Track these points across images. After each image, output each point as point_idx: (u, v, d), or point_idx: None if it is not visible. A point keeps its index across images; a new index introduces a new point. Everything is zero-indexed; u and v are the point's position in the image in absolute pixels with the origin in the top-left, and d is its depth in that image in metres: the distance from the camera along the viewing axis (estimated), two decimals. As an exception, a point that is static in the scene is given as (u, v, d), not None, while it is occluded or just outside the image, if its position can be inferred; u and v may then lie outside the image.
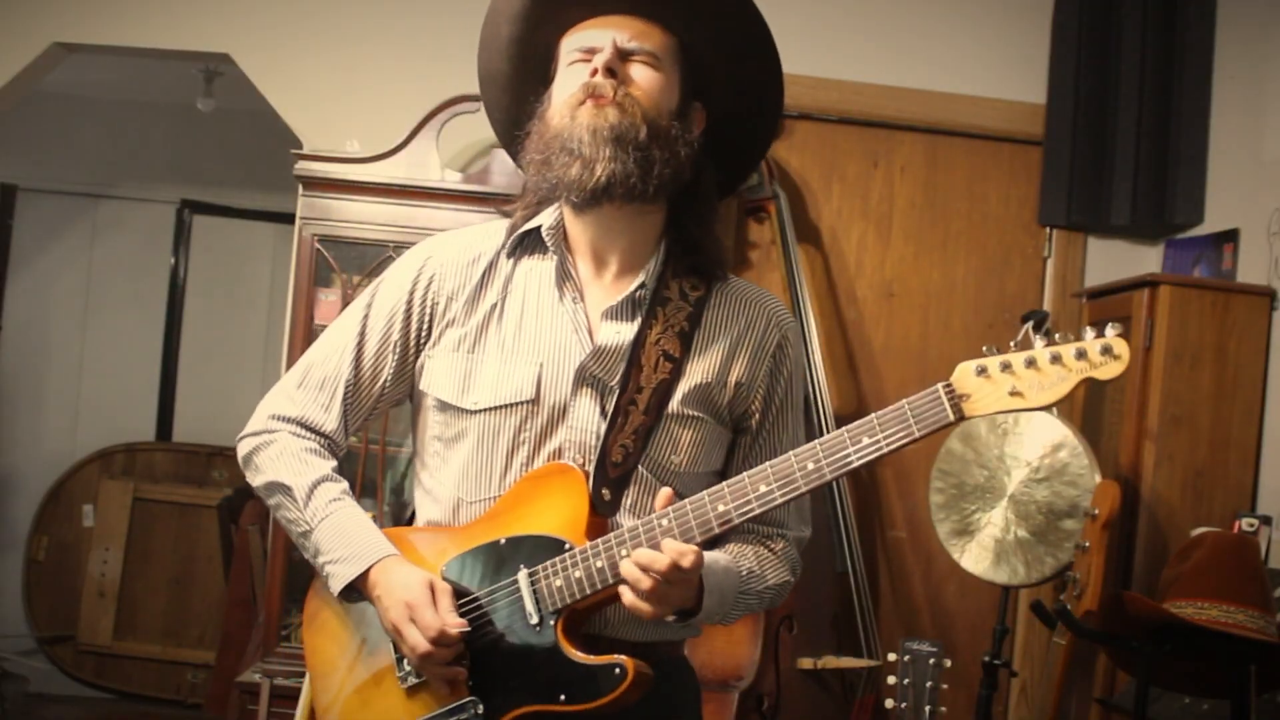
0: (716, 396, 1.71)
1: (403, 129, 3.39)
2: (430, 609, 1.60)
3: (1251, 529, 2.95)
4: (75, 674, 5.52)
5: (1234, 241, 3.38)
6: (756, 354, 1.73)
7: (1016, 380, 1.50)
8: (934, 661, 2.04)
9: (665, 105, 1.67)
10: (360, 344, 1.76)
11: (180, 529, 5.58)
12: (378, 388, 1.77)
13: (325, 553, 1.69)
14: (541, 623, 1.60)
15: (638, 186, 1.63)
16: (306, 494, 1.70)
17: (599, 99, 1.63)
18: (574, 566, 1.59)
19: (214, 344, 5.91)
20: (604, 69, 1.64)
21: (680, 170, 1.66)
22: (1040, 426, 3.05)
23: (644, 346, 1.68)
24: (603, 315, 1.70)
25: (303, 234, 3.39)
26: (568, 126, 1.64)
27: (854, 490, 3.52)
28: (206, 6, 3.77)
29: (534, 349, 1.69)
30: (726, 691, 2.94)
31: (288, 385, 1.79)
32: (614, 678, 1.55)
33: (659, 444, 1.67)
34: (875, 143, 3.78)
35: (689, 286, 1.73)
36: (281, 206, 5.06)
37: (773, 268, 3.59)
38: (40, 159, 5.84)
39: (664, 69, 1.69)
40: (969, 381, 1.51)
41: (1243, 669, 2.45)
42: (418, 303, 1.75)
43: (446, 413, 1.72)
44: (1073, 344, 1.50)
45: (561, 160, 1.64)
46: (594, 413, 1.67)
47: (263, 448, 1.75)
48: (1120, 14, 3.61)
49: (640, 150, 1.62)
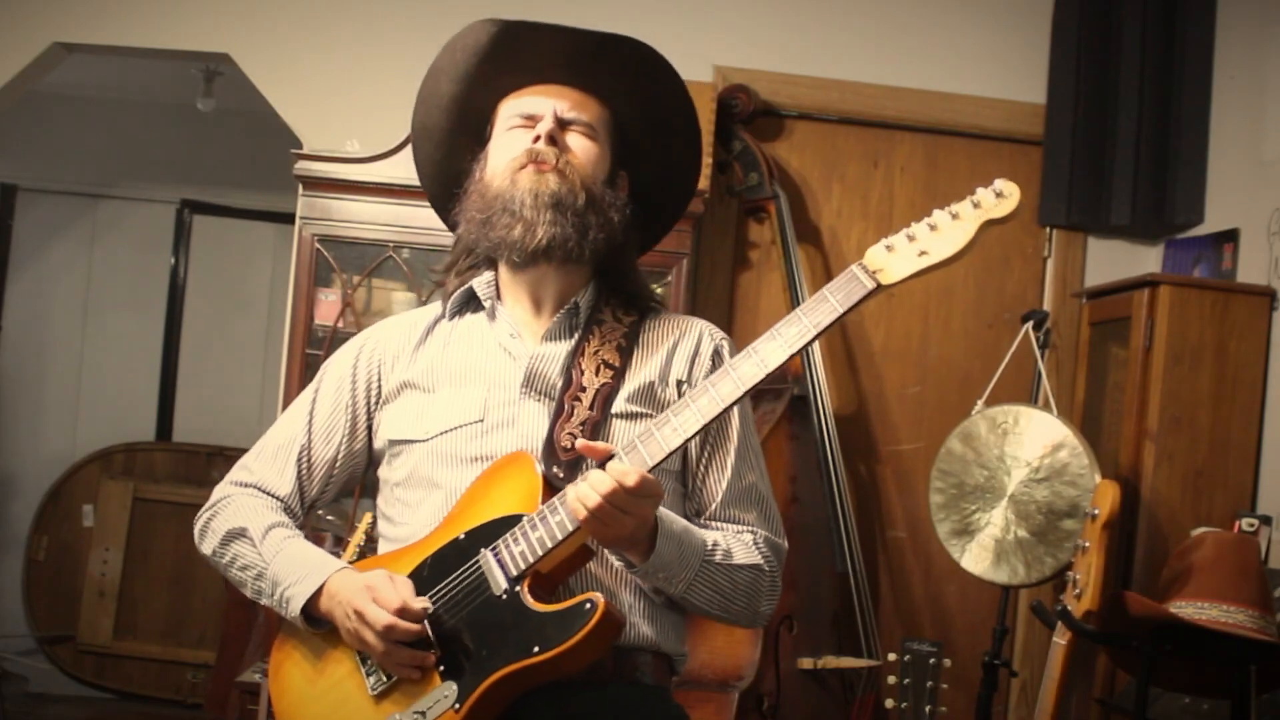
0: (660, 394, 1.75)
1: (403, 129, 3.35)
2: (389, 587, 1.61)
3: (1251, 529, 2.96)
4: (75, 674, 5.52)
5: (1234, 241, 3.38)
6: (694, 357, 1.80)
7: (921, 244, 1.59)
8: (934, 661, 2.05)
9: (599, 173, 1.77)
10: (312, 411, 1.84)
11: (180, 529, 5.56)
12: (331, 450, 1.82)
13: (283, 582, 1.71)
14: (509, 589, 1.60)
15: (574, 250, 1.72)
16: (263, 534, 1.75)
17: (541, 164, 1.73)
18: (533, 529, 1.60)
19: (214, 344, 5.90)
20: (546, 137, 1.74)
21: (613, 235, 1.76)
22: (1040, 426, 3.05)
23: (583, 355, 1.75)
24: (541, 339, 1.78)
25: (303, 234, 3.39)
26: (509, 189, 1.73)
27: (854, 490, 3.52)
28: (206, 6, 3.77)
29: (480, 378, 1.76)
30: (726, 691, 2.94)
31: (245, 460, 1.87)
32: (585, 613, 1.54)
33: (606, 438, 1.69)
34: (875, 143, 3.78)
35: (622, 313, 1.82)
36: (281, 206, 5.06)
37: (773, 268, 3.59)
38: (40, 159, 5.84)
39: (598, 139, 1.79)
40: (879, 258, 1.59)
41: (1243, 669, 2.45)
42: (363, 368, 1.83)
43: (401, 450, 1.77)
44: (966, 200, 1.60)
45: (504, 221, 1.73)
46: (539, 412, 1.72)
47: (219, 512, 1.81)
48: (1120, 14, 3.61)
49: (578, 216, 1.72)
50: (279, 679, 1.77)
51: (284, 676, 1.77)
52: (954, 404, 3.61)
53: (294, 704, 1.75)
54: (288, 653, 1.78)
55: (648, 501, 1.56)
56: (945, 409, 3.65)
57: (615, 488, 1.52)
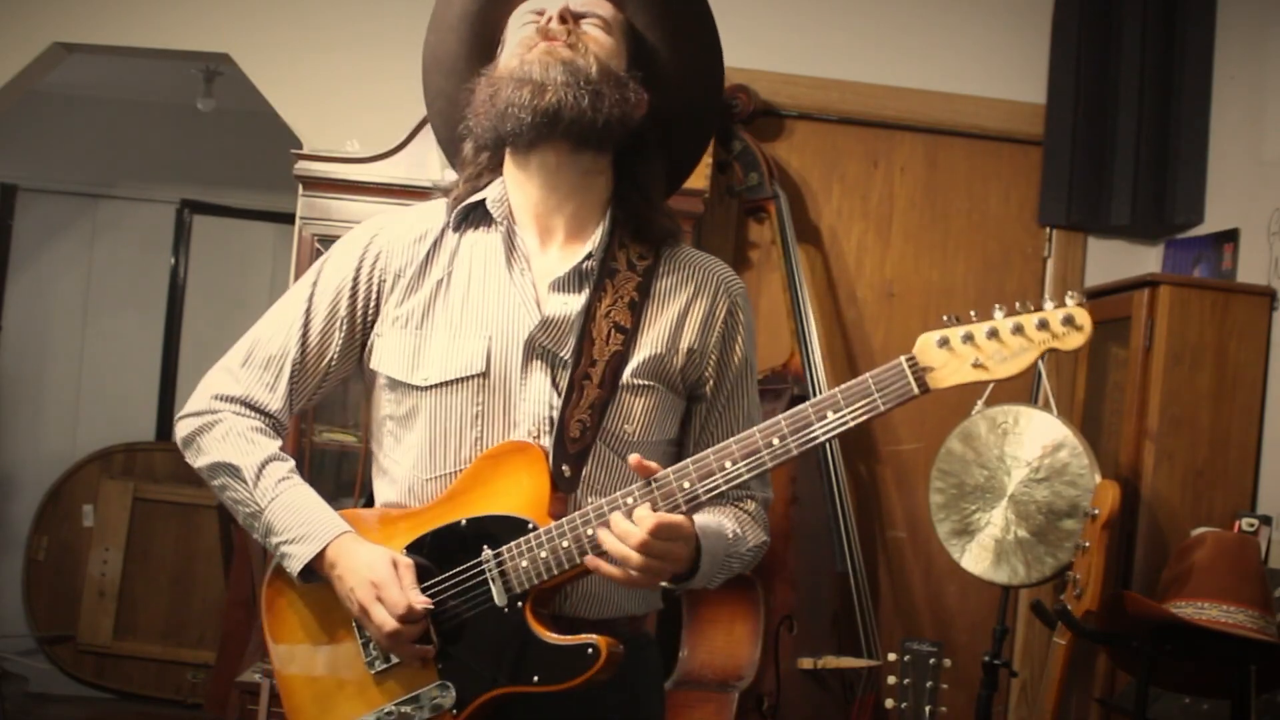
0: (669, 365, 1.70)
1: (403, 129, 3.39)
2: (396, 586, 1.60)
3: (1251, 529, 2.95)
4: (75, 674, 5.52)
5: (1234, 241, 3.38)
6: (707, 321, 1.73)
7: (979, 352, 1.50)
8: (934, 661, 2.05)
9: (615, 62, 1.68)
10: (306, 321, 1.75)
11: (180, 529, 5.57)
12: (324, 365, 1.75)
13: (279, 533, 1.68)
14: (510, 605, 1.60)
15: (587, 117, 1.62)
16: (255, 473, 1.69)
17: (551, 39, 1.64)
18: (539, 547, 1.59)
19: (214, 344, 5.81)
20: (558, 16, 1.65)
21: (628, 115, 1.66)
22: (1040, 426, 3.05)
23: (594, 319, 1.67)
24: (550, 286, 1.70)
25: (303, 234, 3.39)
26: (519, 65, 1.65)
27: (854, 490, 3.52)
28: (206, 6, 3.77)
29: (481, 322, 1.68)
30: (726, 691, 2.94)
31: (231, 363, 1.77)
32: (587, 658, 1.55)
33: (613, 416, 1.67)
34: (875, 143, 3.78)
35: (636, 256, 1.72)
36: (281, 206, 5.06)
37: (773, 268, 3.59)
38: (40, 159, 5.84)
39: (613, 34, 1.70)
40: (932, 354, 1.52)
41: (1243, 669, 2.45)
42: (364, 279, 1.74)
43: (397, 390, 1.71)
44: (1035, 314, 1.49)
45: (511, 87, 1.64)
46: (546, 385, 1.67)
47: (206, 429, 1.73)
48: (1120, 14, 3.61)
49: (591, 86, 1.62)
50: (273, 613, 1.76)
51: (279, 614, 1.76)
52: (954, 404, 3.59)
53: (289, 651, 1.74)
54: (280, 589, 1.75)
55: (679, 545, 1.55)
56: (945, 409, 3.64)
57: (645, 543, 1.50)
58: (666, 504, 1.55)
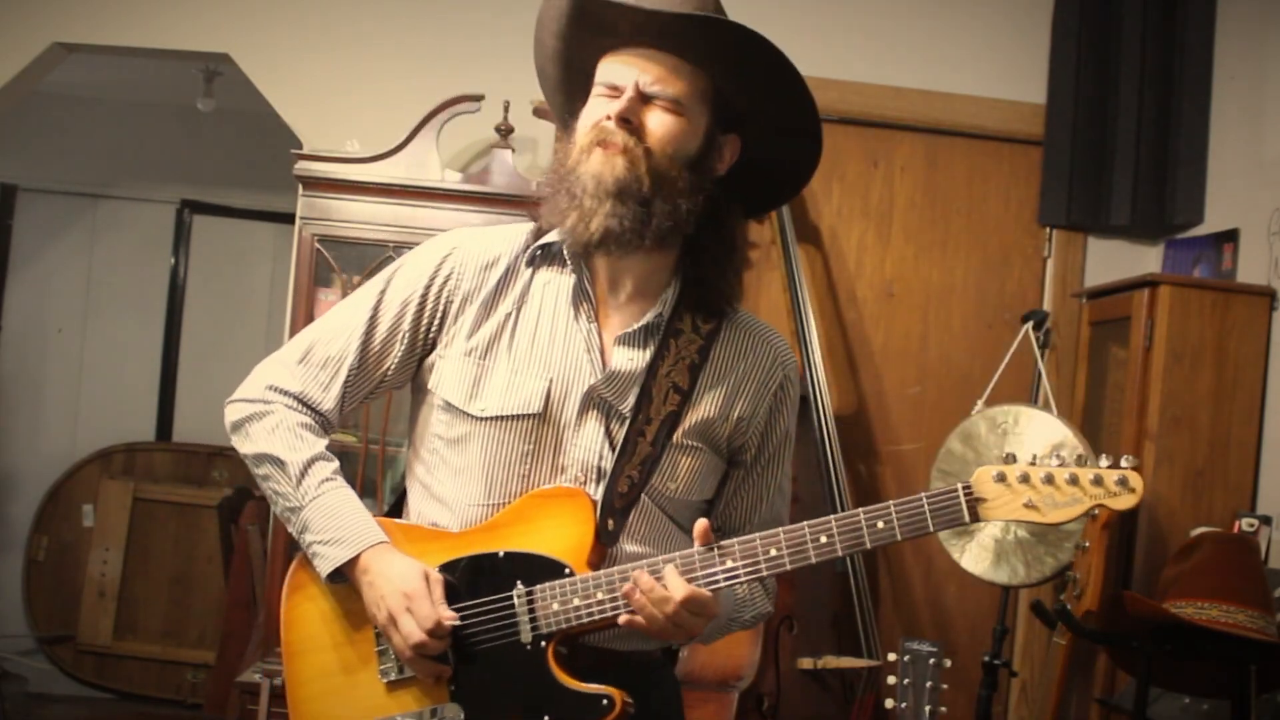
0: (719, 430, 1.73)
1: (403, 129, 3.39)
2: (427, 600, 1.61)
3: (1251, 529, 2.96)
4: (75, 674, 5.52)
5: (1234, 241, 3.38)
6: (760, 392, 1.75)
7: (1033, 493, 1.57)
8: (934, 661, 2.04)
9: (680, 152, 1.66)
10: (370, 329, 1.75)
11: (180, 529, 5.58)
12: (380, 374, 1.76)
13: (314, 532, 1.69)
14: (534, 643, 1.62)
15: (632, 241, 1.64)
16: (300, 471, 1.70)
17: (608, 146, 1.64)
18: (574, 594, 1.61)
19: (214, 344, 5.90)
20: (618, 118, 1.63)
21: (681, 222, 1.66)
22: (1040, 426, 3.05)
23: (656, 378, 1.70)
24: (616, 340, 1.71)
25: (303, 234, 3.39)
26: (575, 169, 1.66)
27: (854, 490, 3.52)
28: (206, 6, 3.77)
29: (544, 363, 1.70)
30: (726, 691, 2.94)
31: (288, 358, 1.78)
32: (600, 708, 1.59)
33: (660, 473, 1.69)
34: (875, 143, 3.78)
35: (701, 320, 1.74)
36: (281, 206, 5.06)
37: (773, 268, 3.59)
38: (40, 159, 5.84)
39: (686, 113, 1.67)
40: (987, 486, 1.58)
41: (1243, 669, 2.45)
42: (433, 298, 1.74)
43: (451, 413, 1.72)
44: (1090, 469, 1.58)
45: (562, 204, 1.66)
46: (599, 435, 1.69)
47: (257, 417, 1.74)
48: (1120, 14, 3.61)
49: (641, 204, 1.63)
50: (296, 600, 1.76)
51: (301, 602, 1.76)
52: (954, 404, 3.61)
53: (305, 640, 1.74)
54: (303, 582, 1.76)
55: (700, 620, 1.60)
56: (945, 409, 3.65)
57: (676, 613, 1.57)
58: (705, 578, 1.60)
